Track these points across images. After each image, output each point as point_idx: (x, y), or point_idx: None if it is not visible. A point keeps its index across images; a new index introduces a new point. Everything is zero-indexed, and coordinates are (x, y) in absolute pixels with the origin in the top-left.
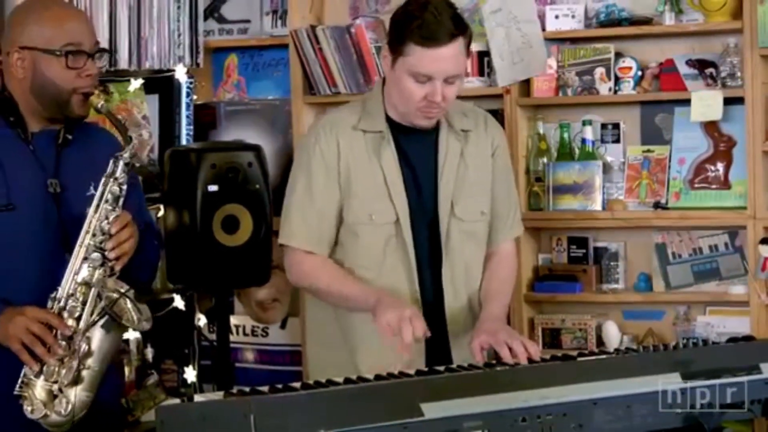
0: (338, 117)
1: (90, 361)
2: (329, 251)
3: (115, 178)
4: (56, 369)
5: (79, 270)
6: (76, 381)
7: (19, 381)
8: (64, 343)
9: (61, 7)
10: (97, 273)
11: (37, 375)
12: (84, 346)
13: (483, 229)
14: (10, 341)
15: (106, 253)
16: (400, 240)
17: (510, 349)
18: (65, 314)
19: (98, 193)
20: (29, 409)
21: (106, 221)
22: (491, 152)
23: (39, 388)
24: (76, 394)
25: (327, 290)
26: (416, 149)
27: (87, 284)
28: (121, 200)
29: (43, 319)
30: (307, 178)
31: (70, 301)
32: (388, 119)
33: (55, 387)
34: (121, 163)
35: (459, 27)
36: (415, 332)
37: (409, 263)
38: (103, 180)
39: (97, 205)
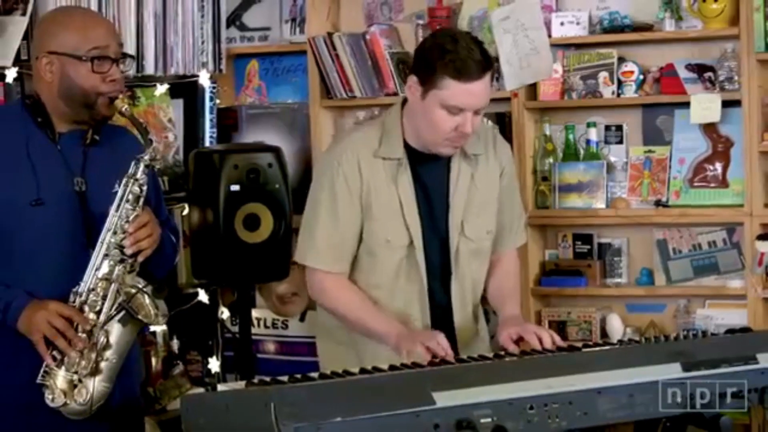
0: (359, 141)
1: (108, 354)
2: (349, 269)
3: (136, 179)
4: (76, 360)
5: (100, 266)
6: (94, 372)
7: (42, 370)
8: (84, 336)
9: (88, 15)
10: (117, 269)
11: (59, 365)
12: (102, 339)
13: (488, 247)
14: (33, 333)
15: (124, 250)
16: (413, 261)
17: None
18: (86, 308)
19: (119, 194)
20: (50, 397)
21: (126, 220)
22: (499, 172)
23: (60, 378)
24: (95, 385)
25: (347, 317)
26: (430, 173)
27: (107, 280)
28: (141, 200)
29: (65, 314)
30: (331, 201)
31: (91, 295)
32: (406, 145)
33: (75, 377)
34: (141, 165)
35: (488, 61)
36: (442, 345)
37: (421, 282)
38: (124, 181)
39: (118, 205)
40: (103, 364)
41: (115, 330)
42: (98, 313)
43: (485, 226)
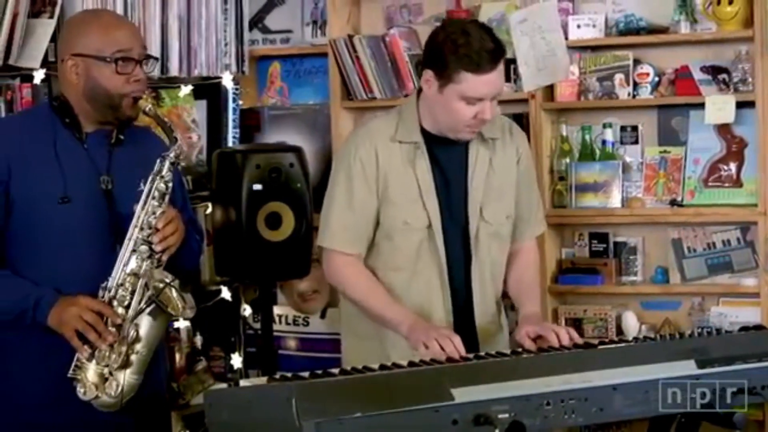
0: (376, 127)
1: (138, 347)
2: (366, 251)
3: (162, 176)
4: (107, 354)
5: (128, 261)
6: (125, 365)
7: (73, 365)
8: (114, 329)
9: (112, 17)
10: (145, 264)
11: (89, 359)
12: (132, 333)
13: (507, 231)
14: (64, 328)
15: (152, 245)
16: (432, 243)
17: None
18: (115, 303)
19: (146, 190)
20: (82, 390)
21: (153, 216)
22: (516, 159)
23: (91, 372)
24: (125, 377)
25: (362, 303)
26: (448, 158)
27: (135, 275)
28: (167, 197)
29: (95, 308)
30: (347, 185)
31: (119, 290)
32: (423, 131)
33: (106, 370)
34: (167, 162)
35: (500, 48)
36: (456, 346)
37: (441, 264)
38: (150, 178)
39: (145, 202)
40: (133, 357)
41: (145, 323)
42: (127, 307)
43: (504, 211)
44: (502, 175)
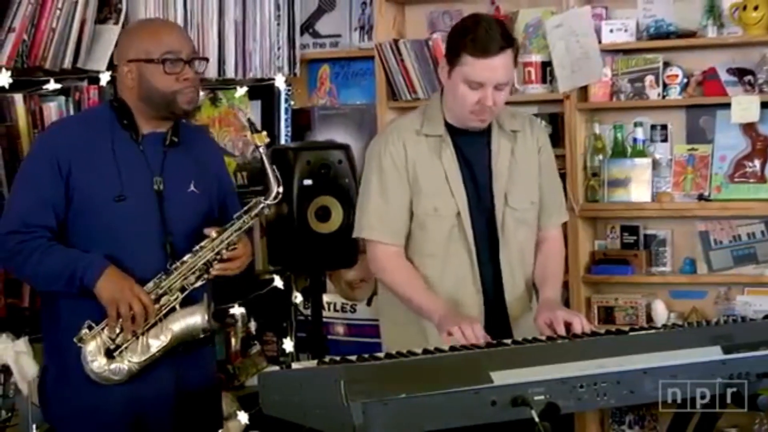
0: (403, 123)
1: (154, 344)
2: (405, 241)
3: (251, 216)
4: (128, 337)
5: (186, 276)
6: (133, 351)
7: (84, 329)
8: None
9: (160, 23)
10: (197, 282)
11: (103, 330)
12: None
13: (533, 216)
14: (110, 304)
15: (210, 268)
16: (461, 229)
17: (569, 324)
18: (156, 305)
19: (235, 225)
20: (88, 357)
21: (226, 247)
22: (537, 149)
23: (98, 342)
24: (129, 361)
25: (400, 292)
26: (472, 149)
27: (184, 289)
28: (243, 232)
29: (145, 303)
30: (380, 178)
31: (166, 295)
32: (447, 124)
33: (113, 346)
34: (260, 206)
35: (507, 40)
36: (475, 334)
37: (470, 249)
38: (239, 213)
39: (228, 232)
40: (140, 348)
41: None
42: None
43: (528, 197)
44: (524, 164)
